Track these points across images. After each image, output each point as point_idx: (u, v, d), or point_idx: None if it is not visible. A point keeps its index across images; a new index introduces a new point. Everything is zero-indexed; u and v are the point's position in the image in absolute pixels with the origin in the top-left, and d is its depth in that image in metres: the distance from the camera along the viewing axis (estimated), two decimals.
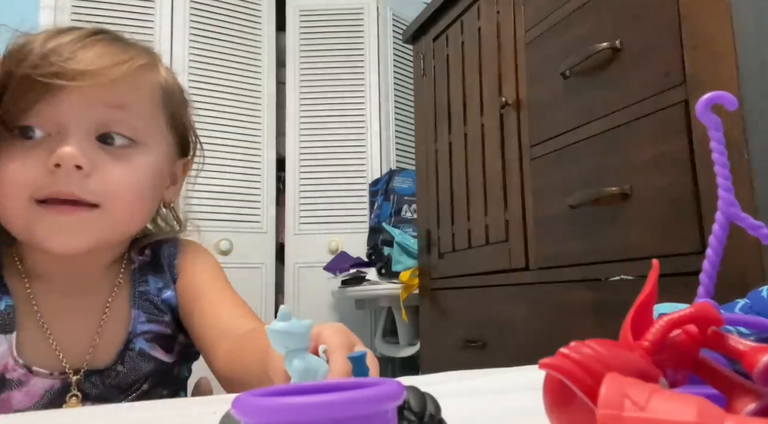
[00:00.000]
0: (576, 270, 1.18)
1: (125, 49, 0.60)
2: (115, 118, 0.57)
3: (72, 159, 0.54)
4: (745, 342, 0.24)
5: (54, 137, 0.55)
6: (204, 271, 0.68)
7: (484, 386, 0.48)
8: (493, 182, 1.50)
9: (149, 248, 0.68)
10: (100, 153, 0.56)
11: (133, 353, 0.62)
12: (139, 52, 0.60)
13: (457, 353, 1.59)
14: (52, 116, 0.55)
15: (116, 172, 0.57)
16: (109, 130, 0.57)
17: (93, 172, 0.55)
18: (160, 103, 0.63)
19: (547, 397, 0.24)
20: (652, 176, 1.01)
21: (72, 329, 0.61)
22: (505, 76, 1.48)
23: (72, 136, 0.55)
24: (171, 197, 0.68)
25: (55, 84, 0.54)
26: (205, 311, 0.63)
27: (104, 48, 0.57)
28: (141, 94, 0.60)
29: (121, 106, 0.58)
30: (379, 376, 0.37)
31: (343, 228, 2.61)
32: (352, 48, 2.74)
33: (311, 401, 0.19)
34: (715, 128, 0.29)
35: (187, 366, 0.70)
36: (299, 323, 0.32)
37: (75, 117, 0.55)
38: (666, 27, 0.99)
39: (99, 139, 0.57)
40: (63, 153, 0.54)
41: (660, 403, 0.18)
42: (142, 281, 0.66)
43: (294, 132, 2.68)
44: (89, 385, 0.60)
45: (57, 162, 0.54)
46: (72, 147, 0.54)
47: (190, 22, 2.52)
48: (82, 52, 0.56)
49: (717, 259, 0.30)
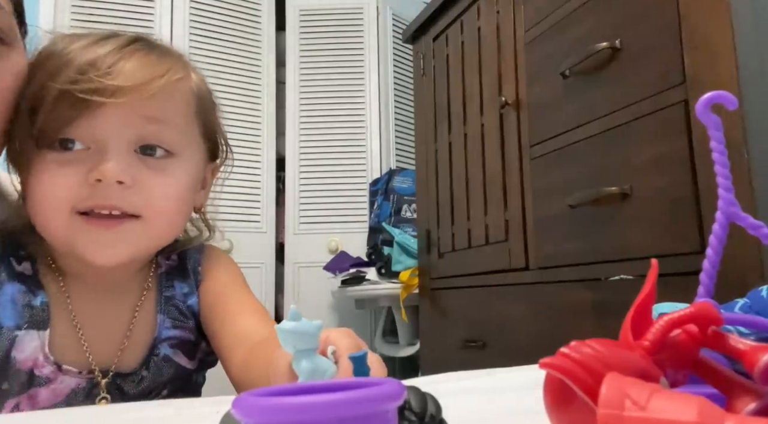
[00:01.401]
0: (576, 270, 1.18)
1: (162, 59, 0.59)
2: (154, 132, 0.58)
3: (114, 176, 0.54)
4: (746, 342, 0.24)
5: (93, 151, 0.55)
6: (225, 276, 0.69)
7: (484, 386, 0.48)
8: (493, 182, 1.50)
9: (176, 253, 0.68)
10: (140, 166, 0.57)
11: (158, 359, 0.62)
12: (175, 62, 0.60)
13: (457, 353, 1.59)
14: (92, 131, 0.55)
15: (156, 185, 0.57)
16: (148, 143, 0.58)
17: (134, 185, 0.56)
18: (194, 113, 0.63)
19: (547, 397, 0.24)
20: (651, 176, 1.01)
21: (103, 330, 0.61)
22: (505, 76, 1.48)
23: (112, 150, 0.55)
24: (201, 202, 0.69)
25: (94, 100, 0.53)
26: (225, 317, 0.64)
27: (142, 59, 0.57)
28: (177, 106, 0.60)
29: (159, 119, 0.58)
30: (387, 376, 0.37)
31: (343, 228, 2.61)
32: (352, 48, 2.74)
33: (312, 401, 0.19)
34: (715, 128, 0.29)
35: (203, 373, 0.70)
36: (309, 324, 0.32)
37: (114, 131, 0.55)
38: (666, 27, 0.99)
39: (139, 151, 0.57)
40: (105, 169, 0.54)
41: (660, 403, 0.18)
42: (168, 285, 0.66)
43: (294, 132, 2.68)
44: (113, 388, 0.60)
45: (98, 178, 0.54)
46: (113, 162, 0.54)
47: (190, 22, 2.52)
48: (121, 65, 0.55)
49: (717, 259, 0.30)
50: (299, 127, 2.68)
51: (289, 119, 2.69)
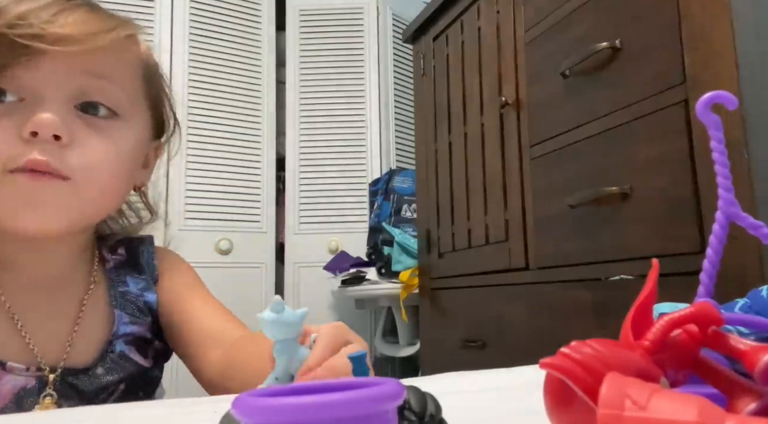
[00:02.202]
0: (576, 270, 1.18)
1: (108, 18, 0.55)
2: (98, 87, 0.53)
3: (51, 128, 0.49)
4: (746, 342, 0.24)
5: (29, 103, 0.50)
6: (186, 275, 0.67)
7: (484, 386, 0.48)
8: (493, 182, 1.50)
9: (123, 247, 0.65)
10: (80, 123, 0.52)
11: (114, 355, 0.59)
12: (122, 23, 0.56)
13: (457, 353, 1.59)
14: (28, 80, 0.50)
15: (96, 146, 0.53)
16: (91, 99, 0.53)
17: (71, 143, 0.51)
18: (141, 78, 0.59)
19: (547, 397, 0.24)
20: (651, 176, 1.01)
21: (46, 325, 0.58)
22: (505, 75, 1.48)
23: (50, 102, 0.50)
24: (143, 181, 0.64)
25: (34, 47, 0.49)
26: (192, 313, 0.61)
27: (87, 14, 0.53)
28: (125, 66, 0.57)
29: (104, 75, 0.53)
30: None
31: (343, 228, 2.61)
32: (352, 48, 2.74)
33: (311, 401, 0.19)
34: (715, 128, 0.29)
35: (160, 367, 0.67)
36: (292, 313, 0.34)
37: (54, 82, 0.51)
38: (666, 27, 0.99)
39: (80, 109, 0.53)
40: (41, 120, 0.49)
41: (661, 403, 0.18)
42: (120, 280, 0.63)
43: (294, 132, 2.68)
44: (65, 385, 0.56)
45: (34, 130, 0.49)
46: (51, 114, 0.49)
47: (190, 22, 2.52)
48: (63, 16, 0.51)
49: (717, 258, 0.30)
50: (299, 127, 2.69)
51: (289, 119, 2.69)
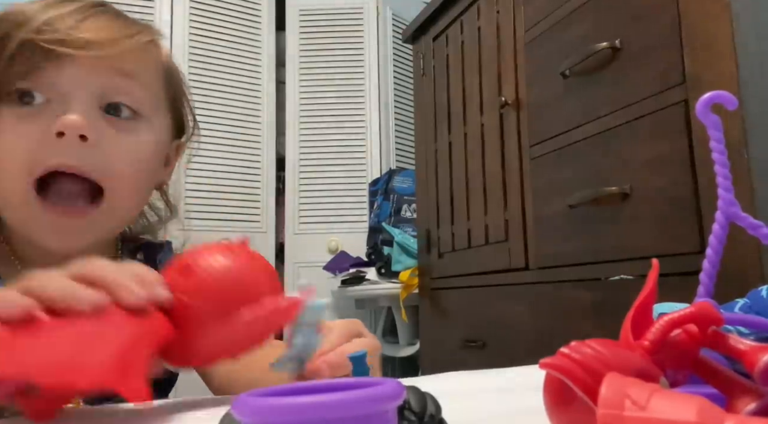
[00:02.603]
0: (576, 270, 1.18)
1: (130, 24, 0.58)
2: (122, 88, 0.55)
3: (77, 128, 0.50)
4: (746, 342, 0.24)
5: (55, 104, 0.52)
6: None
7: (484, 385, 0.48)
8: (493, 182, 1.50)
9: (141, 252, 0.66)
10: (104, 124, 0.53)
11: None
12: (144, 29, 0.58)
13: (457, 352, 1.59)
14: (54, 82, 0.52)
15: (122, 146, 0.54)
16: (114, 100, 0.54)
17: (97, 143, 0.52)
18: (162, 81, 0.61)
19: (547, 397, 0.24)
20: (651, 176, 1.01)
21: None
22: (505, 75, 1.48)
23: (76, 103, 0.52)
24: (164, 179, 0.66)
25: (60, 51, 0.50)
26: None
27: (110, 21, 0.55)
28: (146, 68, 0.58)
29: (127, 77, 0.55)
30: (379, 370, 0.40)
31: (343, 228, 2.62)
32: (352, 48, 2.74)
33: (311, 401, 0.19)
34: (714, 128, 0.29)
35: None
36: (316, 301, 0.36)
37: (79, 84, 0.52)
38: (666, 27, 0.99)
39: (104, 110, 0.54)
40: (67, 121, 0.50)
41: (660, 403, 0.18)
42: None
43: (294, 132, 2.68)
44: None
45: (60, 130, 0.50)
46: (77, 115, 0.50)
47: (190, 21, 2.52)
48: (88, 23, 0.53)
49: (717, 258, 0.30)
50: (299, 127, 2.69)
51: (289, 119, 2.69)
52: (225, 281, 0.35)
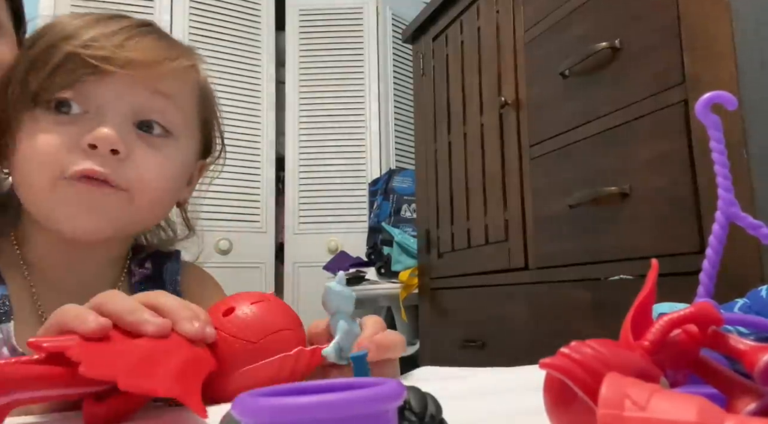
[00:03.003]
0: (575, 270, 1.18)
1: (173, 46, 0.60)
2: (157, 107, 0.57)
3: (109, 142, 0.52)
4: (746, 342, 0.24)
5: (91, 116, 0.54)
6: (212, 295, 0.67)
7: (484, 386, 0.48)
8: (493, 182, 1.50)
9: (150, 261, 0.67)
10: (136, 139, 0.55)
11: None
12: (186, 52, 0.61)
13: (457, 352, 1.59)
14: (93, 96, 0.54)
15: (150, 162, 0.56)
16: (148, 117, 0.56)
17: (127, 158, 0.54)
18: (196, 103, 0.63)
19: (547, 397, 0.24)
20: (651, 176, 1.01)
21: None
22: (505, 75, 1.48)
23: (110, 117, 0.54)
24: (186, 197, 0.68)
25: (102, 67, 0.52)
26: None
27: (154, 42, 0.57)
28: (183, 90, 0.60)
29: (165, 95, 0.57)
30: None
31: (343, 228, 2.61)
32: (352, 47, 2.74)
33: (311, 401, 0.19)
34: (714, 128, 0.29)
35: None
36: (347, 289, 0.41)
37: (117, 100, 0.54)
38: (666, 27, 0.99)
39: (136, 126, 0.56)
40: (100, 134, 0.52)
41: (660, 403, 0.18)
42: None
43: (294, 132, 2.68)
44: None
45: (93, 143, 0.52)
46: (110, 129, 0.52)
47: (190, 22, 2.52)
48: (133, 42, 0.55)
49: (717, 259, 0.30)
50: (299, 127, 2.69)
51: (289, 119, 2.69)
52: (261, 326, 0.41)
